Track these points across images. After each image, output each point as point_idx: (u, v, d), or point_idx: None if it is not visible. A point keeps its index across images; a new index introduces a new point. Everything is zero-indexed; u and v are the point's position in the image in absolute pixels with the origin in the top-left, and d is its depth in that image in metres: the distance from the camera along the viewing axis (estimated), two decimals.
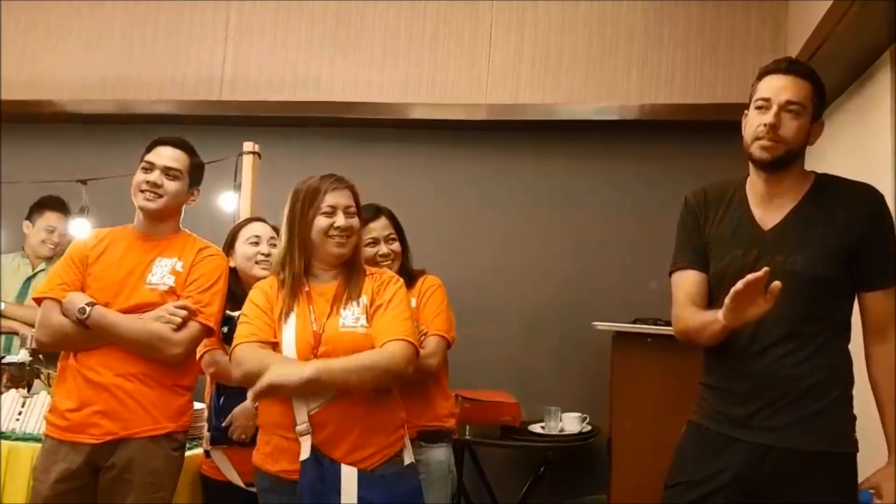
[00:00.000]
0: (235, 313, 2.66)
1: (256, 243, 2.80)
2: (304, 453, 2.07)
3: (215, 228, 3.34)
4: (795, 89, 1.96)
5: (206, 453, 2.74)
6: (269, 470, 2.16)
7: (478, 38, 4.21)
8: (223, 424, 2.63)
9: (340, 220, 2.21)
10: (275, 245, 2.79)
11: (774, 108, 1.94)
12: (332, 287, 2.24)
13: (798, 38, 3.37)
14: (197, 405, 3.05)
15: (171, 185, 2.50)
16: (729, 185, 2.12)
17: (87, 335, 2.38)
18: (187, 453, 2.98)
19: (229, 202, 3.67)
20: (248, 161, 3.51)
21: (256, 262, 2.77)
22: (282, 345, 2.17)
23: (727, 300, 1.82)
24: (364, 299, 2.22)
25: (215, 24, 4.44)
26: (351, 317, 2.19)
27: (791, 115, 1.95)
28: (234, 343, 2.19)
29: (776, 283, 1.77)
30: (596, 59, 4.10)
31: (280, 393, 2.08)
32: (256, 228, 2.84)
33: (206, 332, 2.49)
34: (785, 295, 1.88)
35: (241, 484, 2.61)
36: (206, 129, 4.21)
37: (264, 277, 2.72)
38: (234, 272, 2.75)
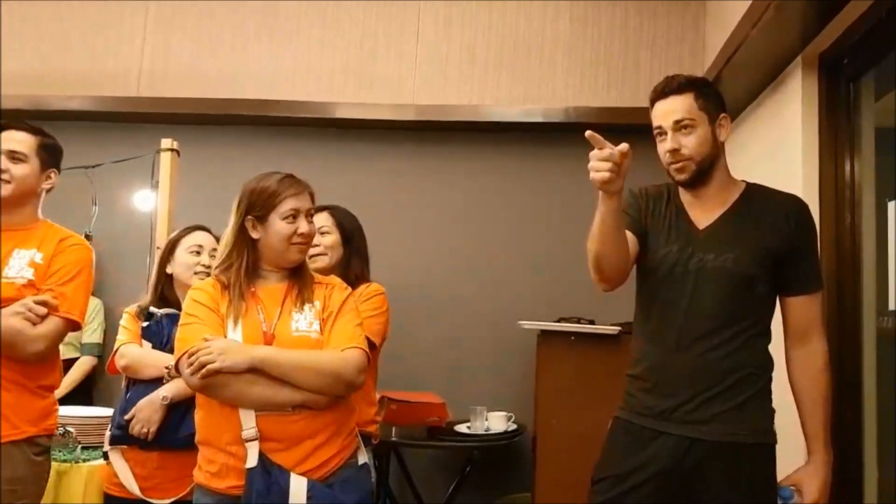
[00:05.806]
0: (160, 311, 2.61)
1: (198, 253, 2.70)
2: (251, 461, 1.95)
3: (132, 227, 3.25)
4: (679, 107, 2.04)
5: (105, 456, 2.59)
6: (216, 488, 2.00)
7: (405, 38, 4.20)
8: (126, 417, 2.48)
9: (304, 226, 2.12)
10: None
11: (669, 134, 2.04)
12: (280, 288, 2.15)
13: (716, 43, 3.47)
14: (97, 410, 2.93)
15: (17, 170, 2.36)
16: (664, 187, 2.19)
17: None
18: (92, 463, 2.87)
19: (147, 201, 3.57)
20: (166, 158, 3.41)
21: (195, 273, 2.67)
22: None
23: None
24: (317, 304, 2.14)
25: (133, 17, 4.30)
26: (304, 321, 2.10)
27: (685, 131, 2.04)
28: (185, 345, 2.03)
29: (624, 145, 1.79)
30: (522, 62, 4.13)
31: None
32: (199, 238, 2.74)
33: (70, 325, 2.33)
34: (715, 291, 2.00)
35: (137, 492, 2.47)
36: (123, 125, 4.10)
37: None
38: (170, 278, 2.69)
